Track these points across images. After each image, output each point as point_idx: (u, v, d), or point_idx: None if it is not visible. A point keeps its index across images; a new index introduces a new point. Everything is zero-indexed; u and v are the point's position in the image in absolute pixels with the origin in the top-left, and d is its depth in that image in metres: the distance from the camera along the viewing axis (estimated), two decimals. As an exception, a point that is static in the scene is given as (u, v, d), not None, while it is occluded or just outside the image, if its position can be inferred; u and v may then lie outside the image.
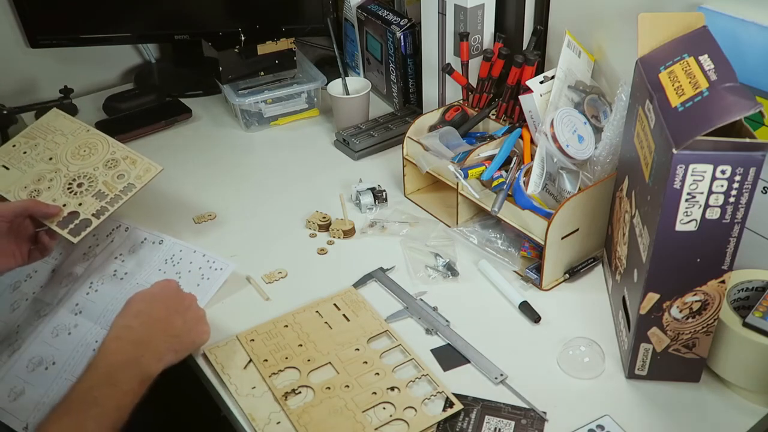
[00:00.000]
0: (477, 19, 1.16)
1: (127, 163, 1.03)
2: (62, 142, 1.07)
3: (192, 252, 1.01)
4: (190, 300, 0.90)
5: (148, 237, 1.04)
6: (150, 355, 0.80)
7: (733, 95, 0.66)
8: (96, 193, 1.00)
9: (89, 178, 1.02)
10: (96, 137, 1.07)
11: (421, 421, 0.79)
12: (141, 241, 1.03)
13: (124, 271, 0.99)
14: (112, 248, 1.03)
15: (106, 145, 1.06)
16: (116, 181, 1.01)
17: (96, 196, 1.00)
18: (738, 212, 0.69)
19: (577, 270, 0.99)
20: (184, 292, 0.91)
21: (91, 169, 1.03)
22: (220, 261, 0.99)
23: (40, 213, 0.96)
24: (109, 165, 1.03)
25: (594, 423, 0.79)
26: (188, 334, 0.86)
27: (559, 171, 0.98)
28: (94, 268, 1.00)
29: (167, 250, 1.02)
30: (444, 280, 1.00)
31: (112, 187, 1.00)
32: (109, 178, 1.02)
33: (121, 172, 1.02)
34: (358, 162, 1.29)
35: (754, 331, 0.76)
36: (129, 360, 0.78)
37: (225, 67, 1.38)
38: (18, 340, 0.92)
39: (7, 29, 1.45)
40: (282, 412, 0.81)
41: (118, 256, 1.01)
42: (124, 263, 1.00)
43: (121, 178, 1.02)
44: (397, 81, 1.39)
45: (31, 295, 0.99)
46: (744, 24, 0.82)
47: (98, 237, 1.04)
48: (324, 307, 0.95)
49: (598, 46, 1.09)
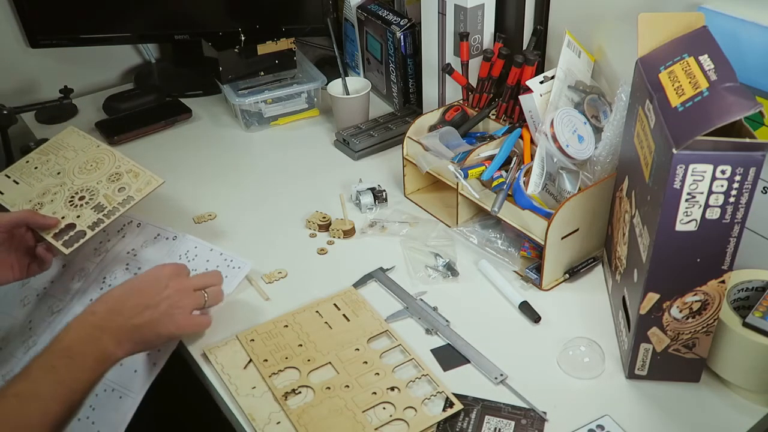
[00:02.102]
0: (477, 19, 1.16)
1: (130, 177, 1.05)
2: (72, 157, 1.09)
3: (209, 250, 1.01)
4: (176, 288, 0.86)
5: (161, 233, 1.04)
6: (109, 338, 0.79)
7: (733, 95, 0.66)
8: (95, 205, 1.01)
9: (91, 192, 1.03)
10: (104, 152, 1.09)
11: (421, 421, 0.79)
12: (154, 237, 1.04)
13: (137, 266, 1.00)
14: (124, 243, 1.03)
15: (113, 159, 1.08)
16: (116, 194, 1.03)
17: (95, 209, 1.01)
18: (738, 212, 0.68)
19: (577, 270, 0.99)
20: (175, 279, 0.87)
21: (94, 182, 1.04)
22: (237, 260, 1.00)
23: (37, 224, 0.97)
24: (112, 179, 1.05)
25: (594, 423, 0.79)
26: (151, 326, 0.83)
27: (559, 171, 0.98)
28: (106, 263, 1.01)
29: (181, 246, 1.02)
30: (444, 280, 1.00)
31: (111, 200, 1.02)
32: (110, 191, 1.03)
33: (123, 185, 1.04)
34: (358, 162, 1.29)
35: (754, 331, 0.76)
36: (89, 337, 0.78)
37: (225, 67, 1.38)
38: (33, 336, 0.93)
39: (7, 29, 1.45)
40: (282, 412, 0.81)
41: (130, 251, 1.02)
42: (137, 257, 1.01)
43: (122, 191, 1.03)
44: (397, 81, 1.39)
45: (42, 290, 1.00)
46: (744, 24, 0.82)
47: (109, 233, 1.05)
48: (324, 307, 0.95)
49: (598, 46, 1.09)
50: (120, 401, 0.85)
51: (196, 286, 0.89)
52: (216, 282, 0.93)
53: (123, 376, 0.87)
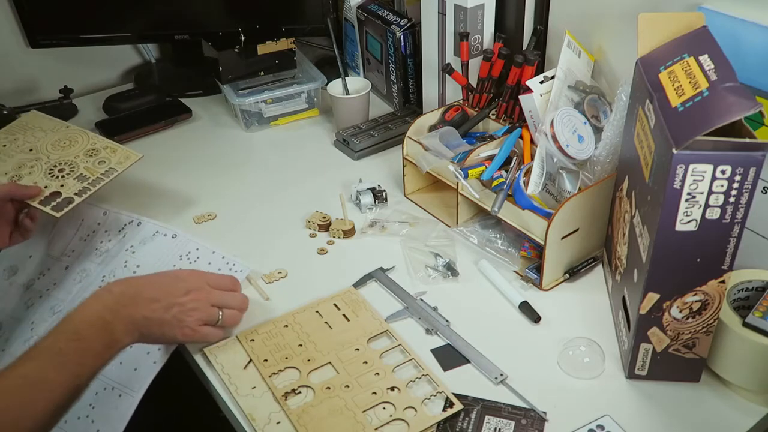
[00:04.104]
0: (477, 19, 1.16)
1: (108, 152, 1.09)
2: (41, 136, 1.13)
3: (210, 253, 1.01)
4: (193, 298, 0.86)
5: (160, 230, 1.04)
6: (119, 324, 0.79)
7: (733, 95, 0.66)
8: (78, 176, 1.04)
9: (70, 165, 1.06)
10: (76, 132, 1.13)
11: (421, 421, 0.79)
12: (153, 234, 1.03)
13: (135, 264, 0.99)
14: (125, 242, 1.03)
15: (86, 137, 1.12)
16: (97, 167, 1.06)
17: (78, 179, 1.04)
18: (738, 212, 0.69)
19: (577, 270, 0.99)
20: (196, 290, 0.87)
21: (71, 157, 1.08)
22: (239, 264, 0.99)
23: (20, 194, 0.99)
24: (89, 153, 1.09)
25: (594, 423, 0.79)
26: (158, 325, 0.83)
27: (559, 171, 0.98)
28: (107, 262, 1.01)
29: (182, 245, 1.02)
30: (444, 280, 1.00)
31: (93, 171, 1.05)
32: (90, 164, 1.07)
33: (102, 159, 1.08)
34: (358, 162, 1.29)
35: (754, 331, 0.76)
36: (99, 320, 0.78)
37: (225, 67, 1.38)
38: (34, 336, 0.94)
39: (7, 29, 1.45)
40: (282, 412, 0.81)
41: (128, 248, 1.02)
42: (135, 255, 1.01)
43: (102, 164, 1.07)
44: (397, 81, 1.39)
45: (45, 292, 1.01)
46: (744, 24, 0.82)
47: (110, 233, 1.05)
48: (324, 307, 0.95)
49: (598, 46, 1.09)
50: (119, 399, 0.85)
51: (215, 303, 0.88)
52: (237, 305, 0.91)
53: (123, 374, 0.87)
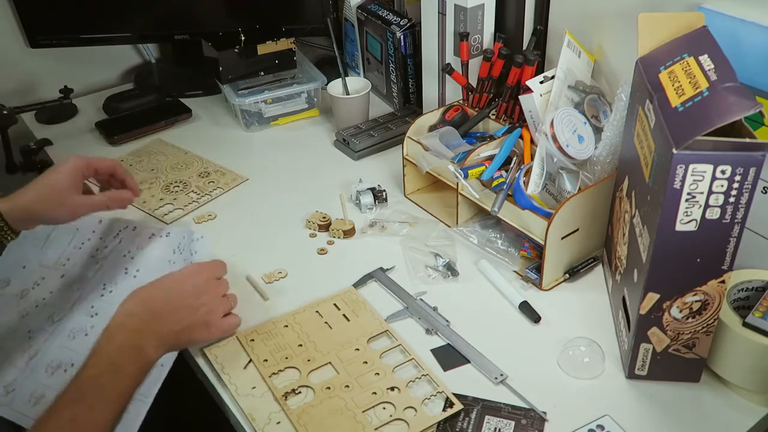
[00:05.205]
0: (477, 19, 1.16)
1: (217, 175, 1.25)
2: (163, 159, 1.31)
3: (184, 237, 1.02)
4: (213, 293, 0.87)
5: (156, 232, 1.04)
6: (150, 343, 0.79)
7: (733, 95, 0.66)
8: (189, 192, 1.20)
9: (184, 183, 1.23)
10: (192, 157, 1.31)
11: (421, 421, 0.79)
12: (149, 237, 1.03)
13: (135, 269, 0.99)
14: (121, 248, 1.03)
15: (201, 162, 1.29)
16: (207, 186, 1.22)
17: (188, 195, 1.20)
18: (738, 212, 0.69)
19: (577, 270, 0.99)
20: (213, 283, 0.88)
21: (186, 177, 1.25)
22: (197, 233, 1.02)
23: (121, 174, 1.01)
24: (201, 175, 1.25)
25: (594, 423, 0.79)
26: (187, 332, 0.84)
27: (559, 171, 0.98)
28: (105, 269, 1.00)
29: (174, 240, 1.02)
30: (444, 280, 1.00)
31: (203, 190, 1.21)
32: (201, 184, 1.23)
33: (212, 180, 1.24)
34: (358, 162, 1.29)
35: (754, 331, 0.76)
36: (131, 346, 0.78)
37: (225, 67, 1.38)
38: (33, 346, 0.92)
39: (7, 29, 1.45)
40: (282, 412, 0.81)
41: (126, 254, 1.01)
42: (134, 260, 1.00)
43: (211, 184, 1.23)
44: (397, 81, 1.39)
45: (41, 301, 0.99)
46: (744, 24, 0.82)
47: (105, 240, 1.04)
48: (324, 307, 0.95)
49: (598, 46, 1.09)
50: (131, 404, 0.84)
51: (226, 291, 0.90)
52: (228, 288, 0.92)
53: None
